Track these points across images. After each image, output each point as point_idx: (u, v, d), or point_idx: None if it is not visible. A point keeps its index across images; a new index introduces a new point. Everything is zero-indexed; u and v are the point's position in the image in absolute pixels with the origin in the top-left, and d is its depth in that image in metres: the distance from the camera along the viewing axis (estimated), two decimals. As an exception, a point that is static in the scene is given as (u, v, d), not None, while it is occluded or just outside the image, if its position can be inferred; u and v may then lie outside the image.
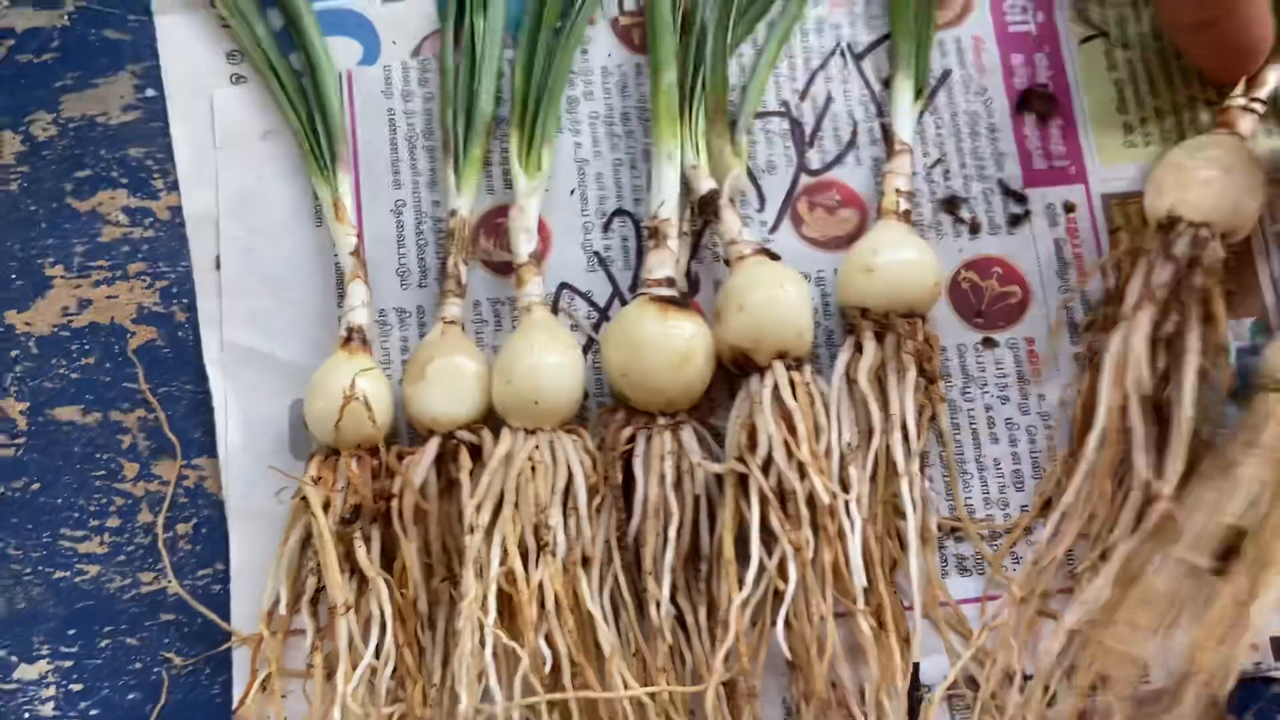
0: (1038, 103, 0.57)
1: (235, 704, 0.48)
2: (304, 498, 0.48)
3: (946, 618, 0.48)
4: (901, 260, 0.51)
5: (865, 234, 0.53)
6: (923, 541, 0.48)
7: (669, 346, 0.49)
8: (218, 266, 0.54)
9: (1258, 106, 0.53)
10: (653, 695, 0.46)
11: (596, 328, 0.54)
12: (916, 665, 0.47)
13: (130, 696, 0.49)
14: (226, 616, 0.50)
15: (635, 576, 0.49)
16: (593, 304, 0.54)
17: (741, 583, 0.46)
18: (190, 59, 0.57)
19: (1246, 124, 0.53)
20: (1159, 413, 0.48)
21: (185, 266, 0.54)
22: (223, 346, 0.53)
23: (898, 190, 0.54)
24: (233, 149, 0.55)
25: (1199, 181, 0.49)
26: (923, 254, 0.52)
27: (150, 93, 0.56)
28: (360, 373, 0.49)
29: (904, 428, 0.49)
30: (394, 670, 0.47)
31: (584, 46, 0.58)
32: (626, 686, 0.46)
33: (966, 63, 0.58)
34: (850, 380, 0.50)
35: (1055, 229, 0.56)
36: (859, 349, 0.51)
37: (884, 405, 0.50)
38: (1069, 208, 0.56)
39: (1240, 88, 0.54)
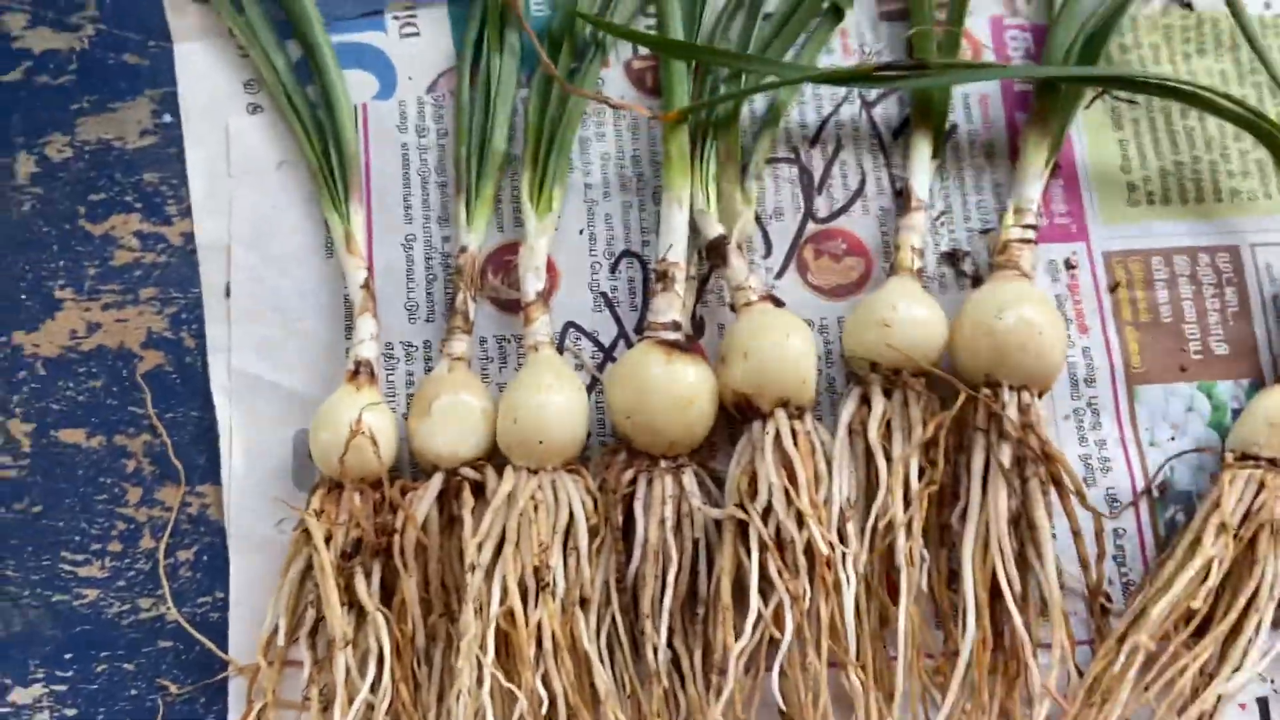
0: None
1: (230, 733, 0.48)
2: (306, 530, 0.48)
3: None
4: (917, 319, 0.51)
5: (879, 287, 0.53)
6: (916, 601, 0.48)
7: (673, 390, 0.49)
8: (228, 294, 0.54)
9: (1031, 234, 0.54)
10: (647, 737, 0.46)
11: (601, 368, 0.54)
12: None
13: (124, 723, 0.50)
14: (225, 645, 0.50)
15: (633, 618, 0.49)
16: (598, 344, 0.55)
17: (739, 631, 0.46)
18: (208, 86, 0.57)
19: (1028, 258, 0.53)
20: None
21: (196, 293, 0.54)
22: (230, 374, 0.53)
23: (912, 247, 0.54)
24: (247, 178, 0.56)
25: (1016, 348, 0.49)
26: (936, 314, 0.52)
27: (167, 118, 0.57)
28: (367, 407, 0.49)
29: (906, 485, 0.50)
30: (389, 705, 0.47)
31: (598, 88, 0.58)
32: (621, 729, 0.46)
33: (974, 118, 0.59)
34: (854, 432, 0.51)
35: (1057, 284, 0.56)
36: (866, 402, 0.51)
37: (889, 461, 0.50)
38: (1070, 265, 0.57)
39: (1011, 216, 0.54)
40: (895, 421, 0.51)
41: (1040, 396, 0.51)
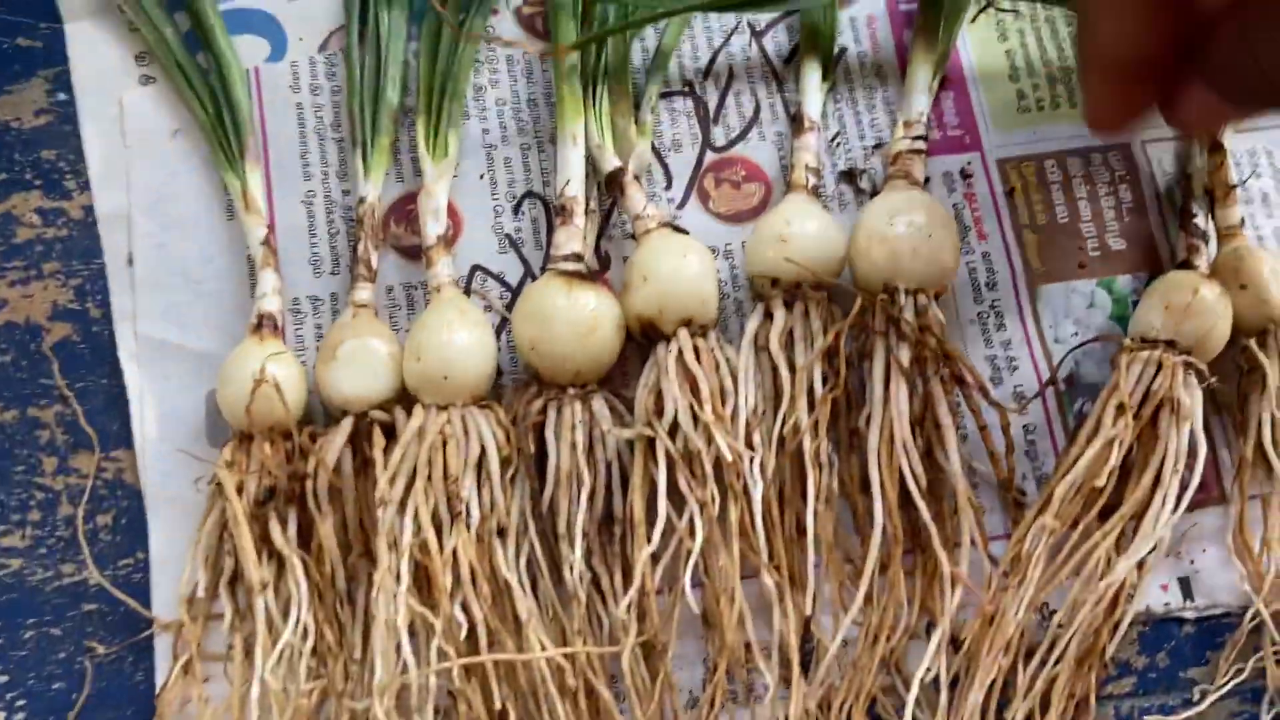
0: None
1: (158, 689, 0.48)
2: (219, 483, 0.48)
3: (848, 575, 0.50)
4: (812, 233, 0.52)
5: (776, 207, 0.54)
6: (825, 502, 0.49)
7: (575, 318, 0.50)
8: (130, 262, 0.54)
9: (921, 145, 0.55)
10: (570, 657, 0.47)
11: (509, 307, 0.55)
12: (808, 619, 0.48)
13: (55, 686, 0.50)
14: (148, 604, 0.50)
15: (552, 544, 0.50)
16: (505, 284, 0.56)
17: (650, 539, 0.47)
18: (100, 62, 0.57)
19: (918, 168, 0.54)
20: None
21: (99, 264, 0.55)
22: (137, 340, 0.53)
23: (807, 166, 0.55)
24: (143, 148, 0.56)
25: (908, 253, 0.50)
26: (832, 229, 0.53)
27: (61, 97, 0.57)
28: (270, 357, 0.49)
29: (810, 392, 0.50)
30: (314, 647, 0.48)
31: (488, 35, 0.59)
32: (543, 649, 0.46)
33: (862, 40, 0.60)
34: (759, 347, 0.52)
35: (954, 194, 0.57)
36: (769, 316, 0.52)
37: (792, 370, 0.51)
38: (965, 174, 0.58)
39: (901, 129, 0.55)
40: (797, 332, 0.52)
41: (937, 299, 0.52)
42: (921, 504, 0.48)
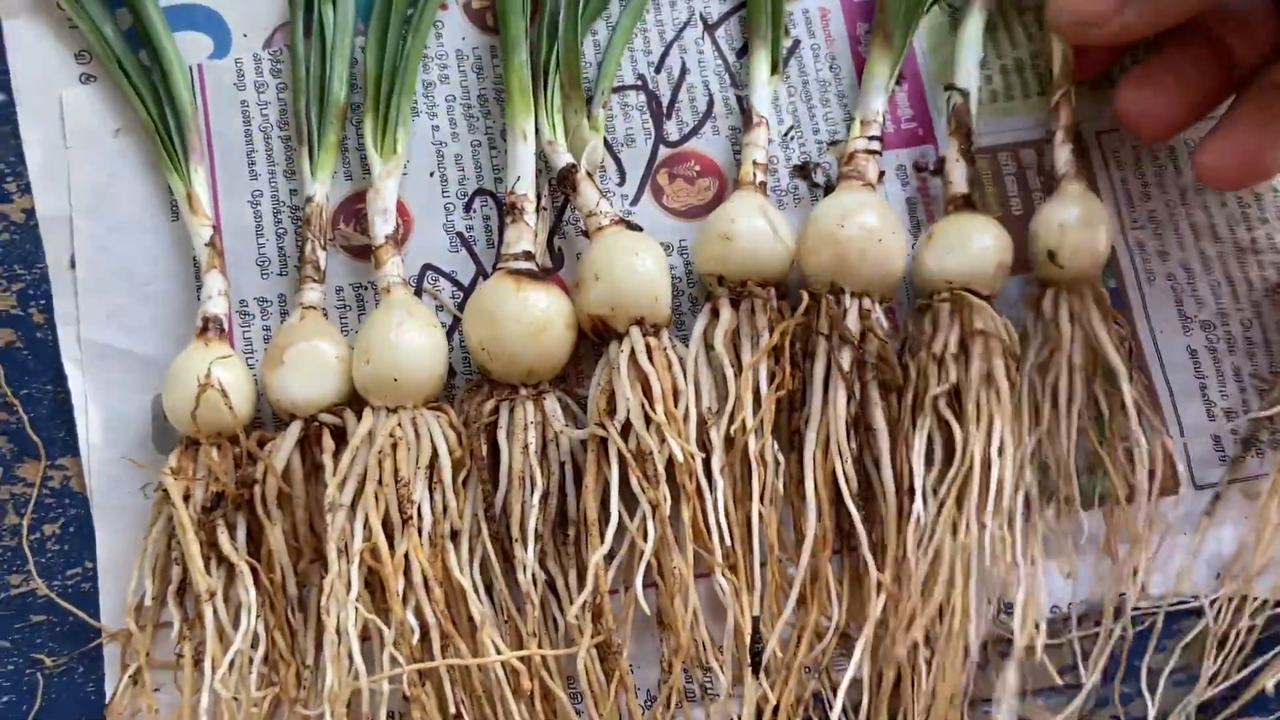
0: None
1: (108, 699, 0.48)
2: (164, 490, 0.48)
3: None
4: (757, 229, 0.52)
5: (723, 203, 0.54)
6: (770, 502, 0.49)
7: (525, 317, 0.49)
8: (73, 265, 0.53)
9: (876, 145, 0.54)
10: (525, 659, 0.47)
11: (461, 307, 0.54)
12: (756, 619, 0.48)
13: (5, 699, 0.49)
14: (97, 614, 0.50)
15: (506, 546, 0.49)
16: (457, 284, 0.55)
17: (602, 538, 0.47)
18: (39, 61, 0.56)
19: (873, 169, 0.54)
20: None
21: (41, 268, 0.54)
22: (80, 345, 0.52)
23: (754, 162, 0.55)
24: (84, 148, 0.55)
25: (857, 255, 0.50)
26: (777, 225, 0.52)
27: (0, 97, 0.56)
28: (216, 361, 0.49)
29: (755, 391, 0.50)
30: (265, 655, 0.47)
31: (438, 31, 0.58)
32: (498, 652, 0.46)
33: (816, 33, 0.60)
34: (708, 345, 0.51)
35: (907, 189, 0.57)
36: (715, 315, 0.52)
37: (738, 370, 0.50)
38: (919, 168, 0.58)
39: (857, 128, 0.55)
40: (743, 330, 0.51)
41: (882, 303, 0.52)
42: (853, 508, 0.48)
